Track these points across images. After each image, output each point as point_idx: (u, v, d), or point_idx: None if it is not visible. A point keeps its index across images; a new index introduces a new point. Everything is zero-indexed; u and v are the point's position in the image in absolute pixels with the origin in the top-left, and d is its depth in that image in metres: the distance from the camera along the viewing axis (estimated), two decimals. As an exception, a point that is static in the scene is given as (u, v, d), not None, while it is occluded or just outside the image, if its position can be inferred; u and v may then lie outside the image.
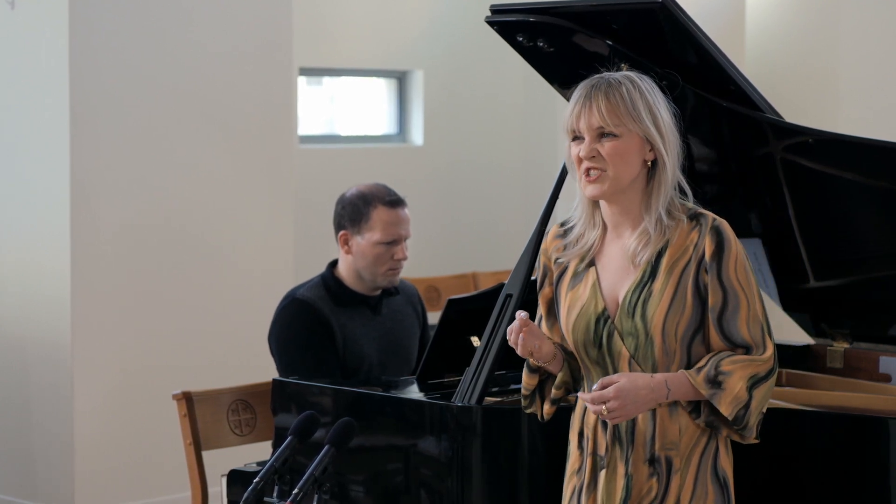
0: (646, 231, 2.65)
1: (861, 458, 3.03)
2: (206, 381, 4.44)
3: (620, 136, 2.63)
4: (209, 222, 5.35)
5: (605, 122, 2.62)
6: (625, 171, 2.64)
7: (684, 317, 2.64)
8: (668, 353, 2.64)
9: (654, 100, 2.66)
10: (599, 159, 2.64)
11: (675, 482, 2.66)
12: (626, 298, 2.66)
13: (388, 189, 3.85)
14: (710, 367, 2.61)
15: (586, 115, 2.64)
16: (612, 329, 2.67)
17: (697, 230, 2.64)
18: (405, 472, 3.27)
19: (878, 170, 3.35)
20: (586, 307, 2.70)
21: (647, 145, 2.65)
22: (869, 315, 3.69)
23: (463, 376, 3.21)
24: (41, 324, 5.10)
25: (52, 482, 5.10)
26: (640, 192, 2.67)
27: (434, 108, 7.32)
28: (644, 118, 2.63)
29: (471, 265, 7.21)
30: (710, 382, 2.60)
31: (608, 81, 2.66)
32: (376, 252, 3.79)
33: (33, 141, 5.14)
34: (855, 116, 6.81)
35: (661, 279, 2.64)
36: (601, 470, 2.70)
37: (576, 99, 2.67)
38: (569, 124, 2.66)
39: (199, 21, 5.31)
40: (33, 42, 5.12)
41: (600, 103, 2.63)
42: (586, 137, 2.65)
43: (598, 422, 2.71)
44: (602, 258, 2.72)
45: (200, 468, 3.79)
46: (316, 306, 3.78)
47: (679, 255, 2.64)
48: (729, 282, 2.63)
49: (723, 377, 2.59)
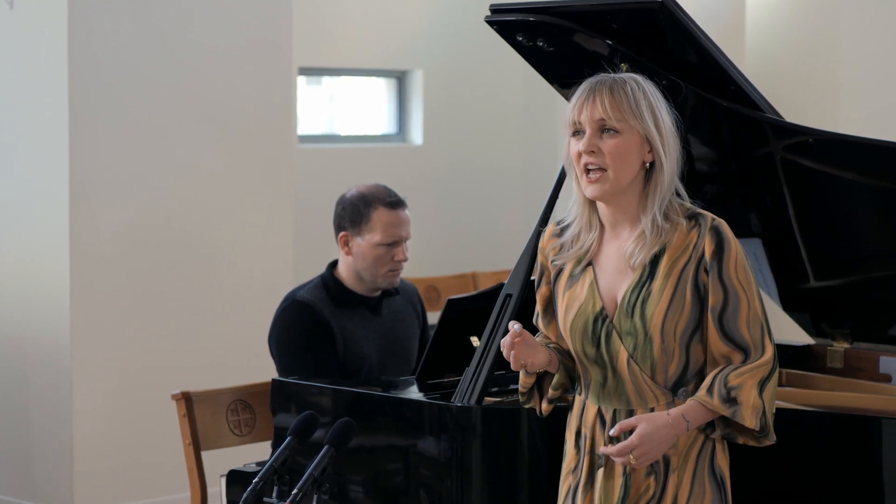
0: (643, 233, 2.66)
1: (862, 458, 3.03)
2: (205, 381, 4.44)
3: (621, 132, 2.63)
4: (208, 222, 5.35)
5: (608, 115, 2.63)
6: (624, 172, 2.64)
7: (683, 316, 2.64)
8: (666, 352, 2.64)
9: (656, 101, 2.67)
10: (599, 155, 2.64)
11: (673, 481, 2.66)
12: (625, 298, 2.66)
13: (389, 190, 3.84)
14: (720, 385, 2.61)
15: (589, 107, 2.65)
16: (610, 328, 2.67)
17: (696, 230, 2.65)
18: (405, 472, 3.27)
19: (878, 170, 3.35)
20: (584, 306, 2.70)
21: (646, 145, 2.66)
22: (869, 315, 3.69)
23: (462, 376, 3.21)
24: (40, 324, 5.10)
25: (51, 482, 5.09)
26: (638, 194, 2.68)
27: (434, 108, 7.32)
28: (646, 117, 2.64)
29: (470, 265, 7.21)
30: (726, 401, 2.60)
31: (613, 78, 2.67)
32: (376, 253, 3.79)
33: (32, 140, 5.14)
34: (855, 116, 6.81)
35: (660, 279, 2.64)
36: (599, 469, 2.70)
37: (579, 93, 2.68)
38: (570, 117, 2.67)
39: (199, 20, 5.30)
40: (32, 41, 5.11)
41: (604, 97, 2.64)
42: (587, 130, 2.65)
43: (596, 420, 2.71)
44: (600, 258, 2.72)
45: (200, 468, 3.79)
46: (316, 308, 3.77)
47: (678, 255, 2.64)
48: (730, 281, 2.63)
49: (735, 392, 2.60)
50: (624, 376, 2.67)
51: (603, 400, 2.71)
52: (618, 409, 2.69)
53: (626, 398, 2.68)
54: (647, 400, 2.67)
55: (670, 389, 2.67)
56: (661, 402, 2.67)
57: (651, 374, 2.66)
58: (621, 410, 2.69)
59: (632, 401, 2.68)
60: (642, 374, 2.66)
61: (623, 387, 2.68)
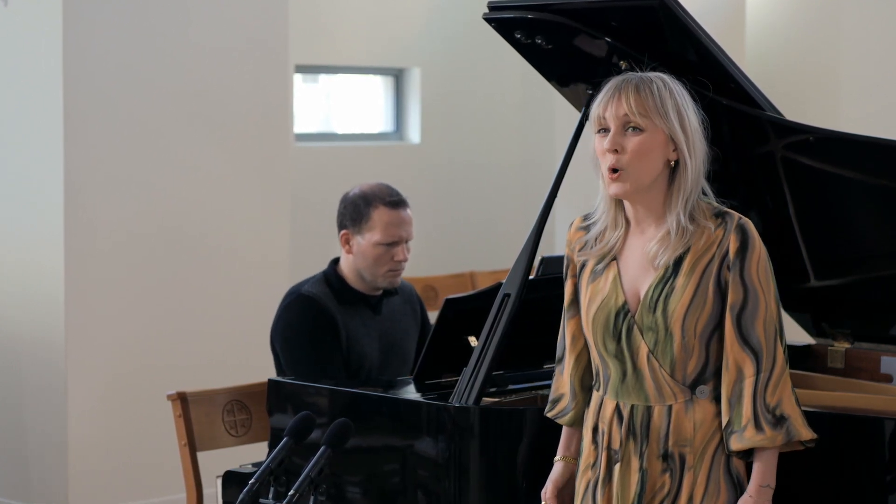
0: (667, 234, 2.68)
1: (863, 459, 3.02)
2: (201, 381, 4.43)
3: (645, 129, 2.65)
4: (204, 221, 5.34)
5: (632, 112, 2.64)
6: (645, 170, 2.66)
7: (705, 312, 2.66)
8: (686, 349, 2.66)
9: (683, 101, 2.69)
10: (622, 153, 2.66)
11: (689, 479, 2.69)
12: (648, 294, 2.68)
13: (391, 189, 3.84)
14: (762, 412, 2.65)
15: (614, 104, 2.67)
16: (631, 323, 2.69)
17: (723, 228, 2.67)
18: (402, 473, 3.27)
19: (879, 168, 3.34)
20: (606, 300, 2.72)
21: (670, 144, 2.67)
22: (870, 315, 3.68)
23: (460, 376, 3.21)
24: (35, 323, 5.09)
25: (46, 483, 5.09)
26: (664, 192, 2.70)
27: (431, 106, 7.31)
28: (671, 116, 2.66)
29: (468, 264, 7.21)
30: (776, 425, 2.65)
31: (640, 77, 2.70)
32: (376, 253, 3.78)
33: (27, 139, 5.13)
34: (856, 114, 6.81)
35: (683, 275, 2.66)
36: (616, 464, 2.73)
37: (605, 90, 2.70)
38: (596, 114, 2.69)
39: (194, 18, 5.30)
40: (27, 40, 5.10)
41: (630, 95, 2.66)
42: (612, 128, 2.67)
43: (613, 416, 2.74)
44: (624, 253, 2.74)
45: (195, 469, 3.78)
46: (322, 302, 3.77)
47: (702, 253, 2.67)
48: (750, 280, 2.65)
49: (780, 410, 2.66)
50: (643, 372, 2.69)
51: (621, 395, 2.72)
52: (636, 404, 2.71)
53: (645, 394, 2.70)
54: (665, 396, 2.69)
55: (689, 387, 2.69)
56: (680, 398, 2.69)
57: (670, 370, 2.68)
58: (639, 406, 2.71)
59: (650, 397, 2.69)
60: (661, 371, 2.68)
61: (642, 382, 2.70)
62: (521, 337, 3.32)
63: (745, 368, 2.67)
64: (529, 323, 3.33)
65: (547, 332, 3.10)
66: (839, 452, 3.03)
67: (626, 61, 3.22)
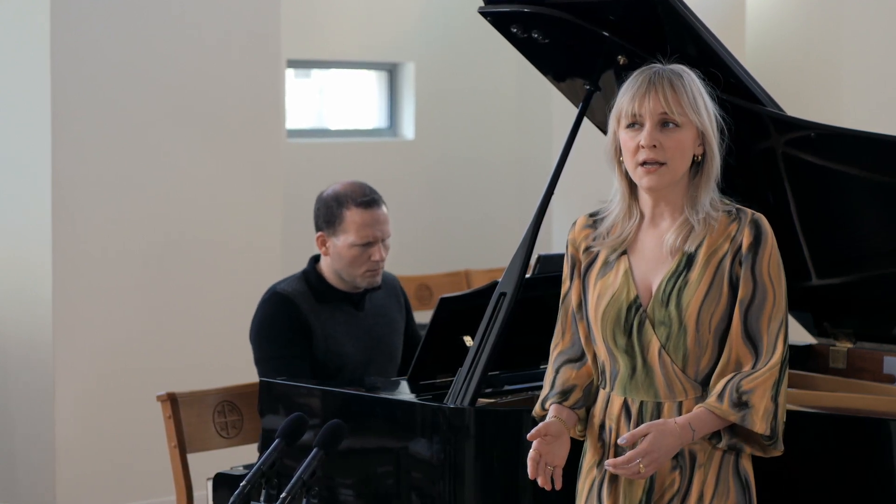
0: (686, 223, 2.69)
1: (865, 460, 3.02)
2: (191, 382, 4.41)
3: (682, 125, 2.66)
4: (195, 219, 5.33)
5: (670, 109, 2.65)
6: (681, 165, 2.67)
7: (719, 307, 2.66)
8: (700, 343, 2.66)
9: (706, 95, 2.71)
10: (660, 150, 2.65)
11: (699, 477, 2.68)
12: (661, 287, 2.68)
13: (365, 188, 3.83)
14: (731, 390, 2.63)
15: (651, 99, 2.65)
16: (643, 317, 2.68)
17: (737, 223, 2.68)
18: (396, 475, 3.26)
19: (881, 164, 3.34)
20: (618, 295, 2.71)
21: (698, 139, 2.69)
22: (873, 314, 3.68)
23: (455, 377, 3.20)
24: (22, 324, 5.08)
25: (34, 485, 5.07)
26: (685, 186, 2.70)
27: (426, 102, 7.30)
28: (702, 112, 2.68)
29: (463, 263, 7.21)
30: (736, 406, 2.62)
31: (671, 70, 2.70)
32: (352, 254, 3.78)
33: (14, 137, 5.10)
34: (857, 110, 6.84)
35: (697, 269, 2.67)
36: None
37: (636, 84, 2.68)
38: (628, 109, 2.67)
39: (185, 12, 5.29)
40: (14, 36, 5.07)
41: (665, 89, 2.66)
42: (647, 123, 2.66)
43: (621, 412, 2.72)
44: (636, 246, 2.74)
45: (185, 471, 3.77)
46: (295, 301, 3.77)
47: (717, 247, 2.68)
48: (761, 275, 2.66)
49: (747, 396, 2.62)
50: (654, 367, 2.68)
51: (630, 392, 2.71)
52: (645, 401, 2.70)
53: (655, 390, 2.69)
54: (675, 393, 2.68)
55: (700, 383, 2.68)
56: (690, 395, 2.68)
57: (682, 365, 2.67)
58: (648, 402, 2.70)
59: (660, 393, 2.68)
60: (673, 366, 2.67)
61: (652, 378, 2.69)
62: (518, 337, 3.32)
63: (744, 363, 2.66)
64: (526, 322, 3.32)
65: (544, 332, 3.08)
66: (841, 454, 3.03)
67: (623, 56, 3.22)
